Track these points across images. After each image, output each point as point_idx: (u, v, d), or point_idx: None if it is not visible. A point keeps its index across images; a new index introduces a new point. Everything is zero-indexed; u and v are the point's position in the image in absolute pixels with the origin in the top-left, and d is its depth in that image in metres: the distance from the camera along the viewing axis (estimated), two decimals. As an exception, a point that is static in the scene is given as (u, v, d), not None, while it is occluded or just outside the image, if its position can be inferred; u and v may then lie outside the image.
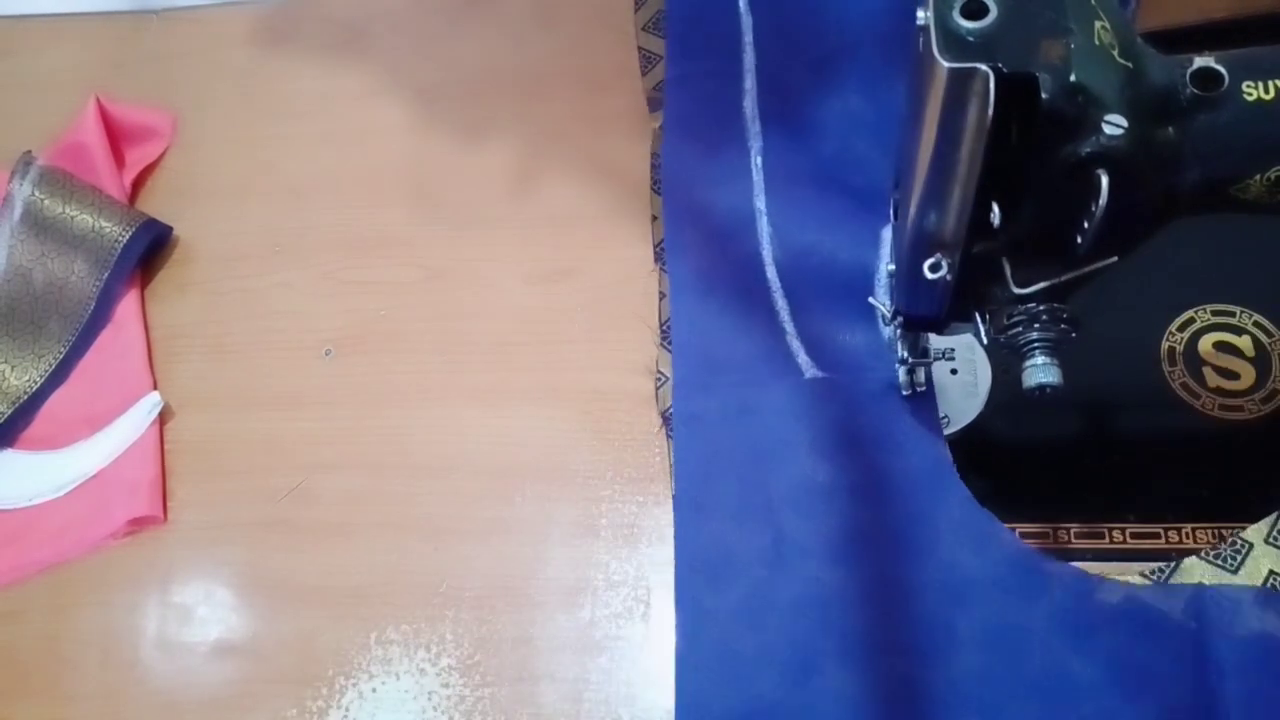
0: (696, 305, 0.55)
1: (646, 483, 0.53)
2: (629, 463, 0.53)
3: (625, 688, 0.48)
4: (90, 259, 0.61)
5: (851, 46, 0.60)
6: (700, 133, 0.60)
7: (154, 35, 0.72)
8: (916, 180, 0.36)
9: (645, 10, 0.65)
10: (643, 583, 0.50)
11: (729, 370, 0.53)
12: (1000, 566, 0.46)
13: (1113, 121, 0.32)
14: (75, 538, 0.55)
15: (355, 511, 0.54)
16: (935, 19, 0.32)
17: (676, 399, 0.53)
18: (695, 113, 0.60)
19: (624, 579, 0.51)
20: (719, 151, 0.59)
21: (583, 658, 0.49)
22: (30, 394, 0.59)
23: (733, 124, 0.60)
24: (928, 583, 0.46)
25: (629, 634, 0.49)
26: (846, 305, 0.53)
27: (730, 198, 0.58)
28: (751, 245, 0.57)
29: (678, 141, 0.60)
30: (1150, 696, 0.43)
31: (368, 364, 0.58)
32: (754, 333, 0.54)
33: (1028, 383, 0.40)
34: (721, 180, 0.58)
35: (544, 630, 0.50)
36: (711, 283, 0.56)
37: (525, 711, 0.48)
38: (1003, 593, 0.46)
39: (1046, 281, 0.38)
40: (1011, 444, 0.50)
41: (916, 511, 0.48)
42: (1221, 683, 0.42)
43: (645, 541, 0.51)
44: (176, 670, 0.51)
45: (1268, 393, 0.50)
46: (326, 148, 0.65)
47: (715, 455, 0.51)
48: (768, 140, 0.59)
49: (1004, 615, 0.45)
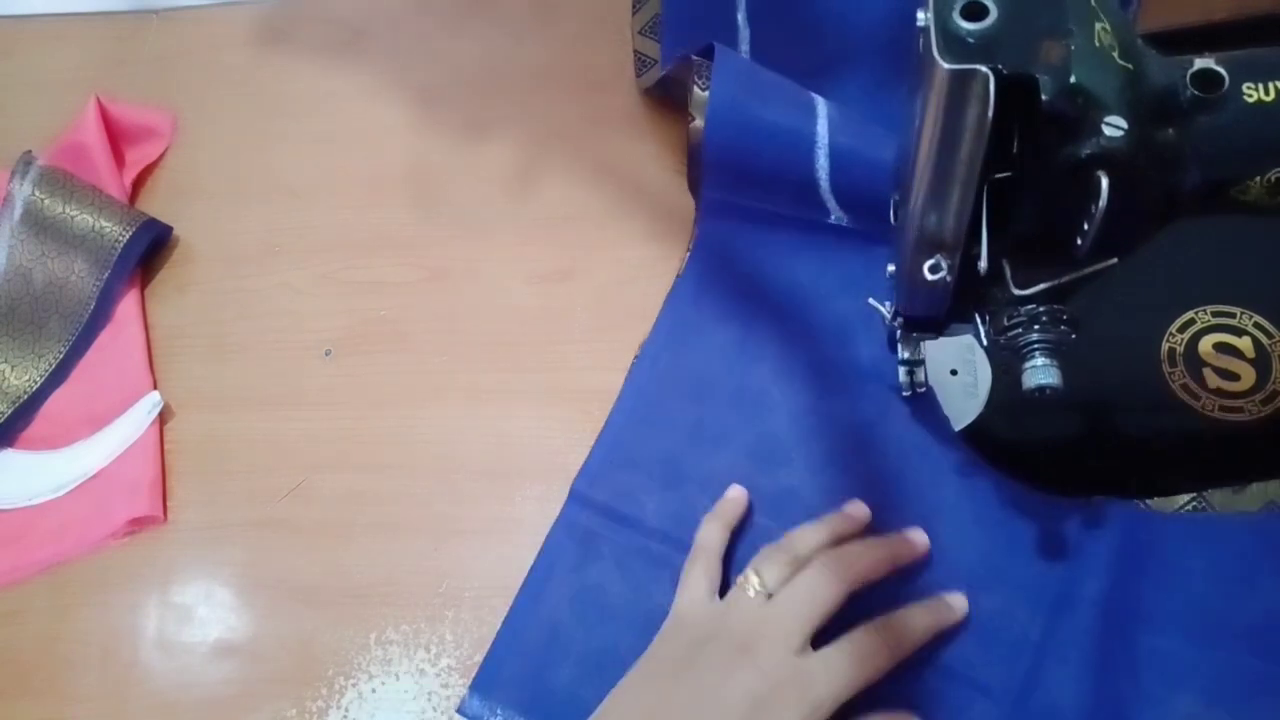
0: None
1: (646, 483, 0.52)
2: (629, 463, 0.53)
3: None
4: (90, 259, 0.61)
5: (848, 57, 0.60)
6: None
7: (154, 35, 0.72)
8: (917, 181, 0.36)
9: (643, 13, 0.65)
10: (642, 583, 0.50)
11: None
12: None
13: (1113, 123, 0.32)
14: (75, 538, 0.55)
15: (355, 511, 0.54)
16: (935, 20, 0.32)
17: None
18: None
19: (624, 579, 0.50)
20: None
21: (582, 658, 0.49)
22: (30, 394, 0.59)
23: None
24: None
25: (629, 634, 0.49)
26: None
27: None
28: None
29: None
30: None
31: (368, 364, 0.58)
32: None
33: (1028, 384, 0.40)
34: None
35: (544, 630, 0.50)
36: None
37: (525, 712, 0.48)
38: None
39: (1046, 283, 0.38)
40: (1011, 445, 0.50)
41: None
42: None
43: (645, 542, 0.51)
44: (176, 670, 0.51)
45: (1268, 394, 0.50)
46: (326, 148, 0.65)
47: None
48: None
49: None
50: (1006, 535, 0.48)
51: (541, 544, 0.51)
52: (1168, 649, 0.44)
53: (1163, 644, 0.44)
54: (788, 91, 0.55)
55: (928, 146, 0.34)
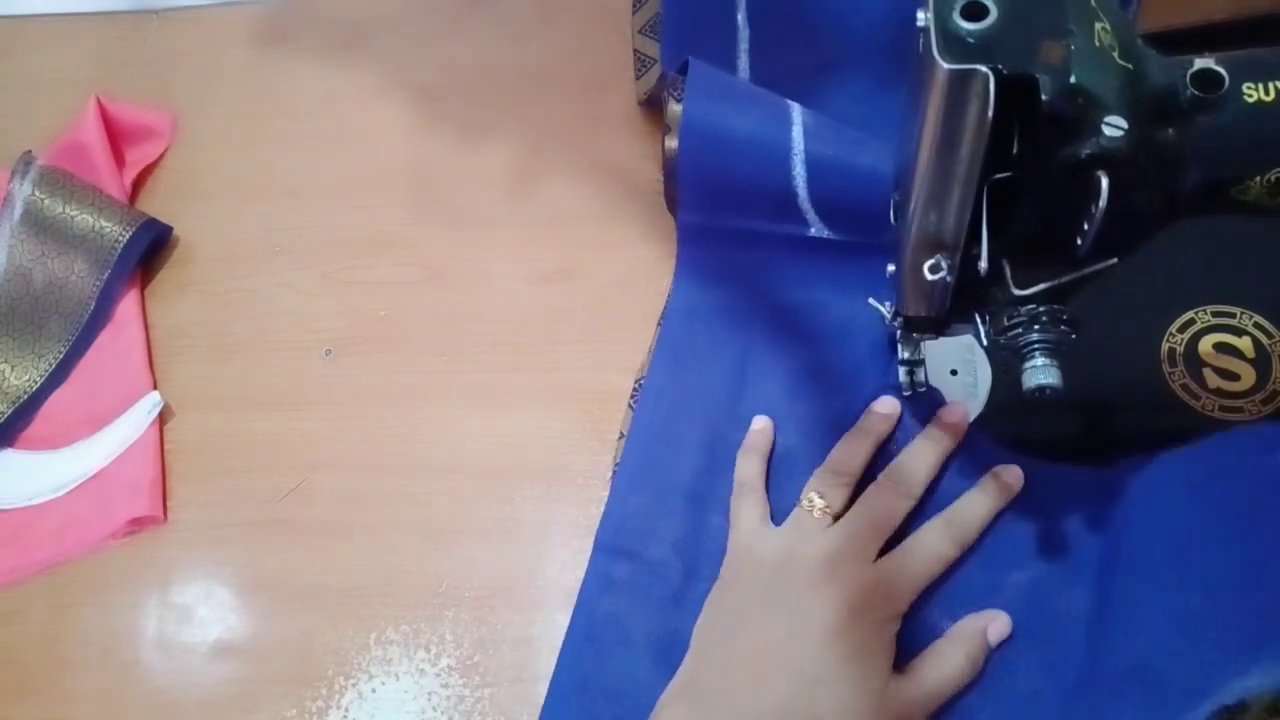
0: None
1: (646, 483, 0.52)
2: (629, 463, 0.53)
3: (625, 688, 0.48)
4: (90, 259, 0.61)
5: (848, 57, 0.60)
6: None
7: (154, 35, 0.72)
8: (917, 181, 0.36)
9: (643, 13, 0.65)
10: (642, 583, 0.50)
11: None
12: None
13: (1113, 123, 0.32)
14: (75, 538, 0.55)
15: (355, 511, 0.54)
16: (935, 20, 0.32)
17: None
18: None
19: (624, 579, 0.50)
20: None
21: (582, 658, 0.49)
22: (30, 394, 0.59)
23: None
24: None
25: (629, 634, 0.49)
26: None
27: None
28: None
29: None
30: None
31: (368, 364, 0.58)
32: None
33: (1028, 384, 0.40)
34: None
35: (544, 630, 0.50)
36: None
37: (525, 711, 0.48)
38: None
39: (1047, 283, 0.38)
40: (1011, 445, 0.50)
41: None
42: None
43: (645, 542, 0.51)
44: (176, 670, 0.52)
45: (1268, 394, 0.50)
46: (326, 148, 0.65)
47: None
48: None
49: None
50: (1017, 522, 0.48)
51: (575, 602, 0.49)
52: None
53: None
54: (762, 100, 0.54)
55: (928, 146, 0.34)
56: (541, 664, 0.49)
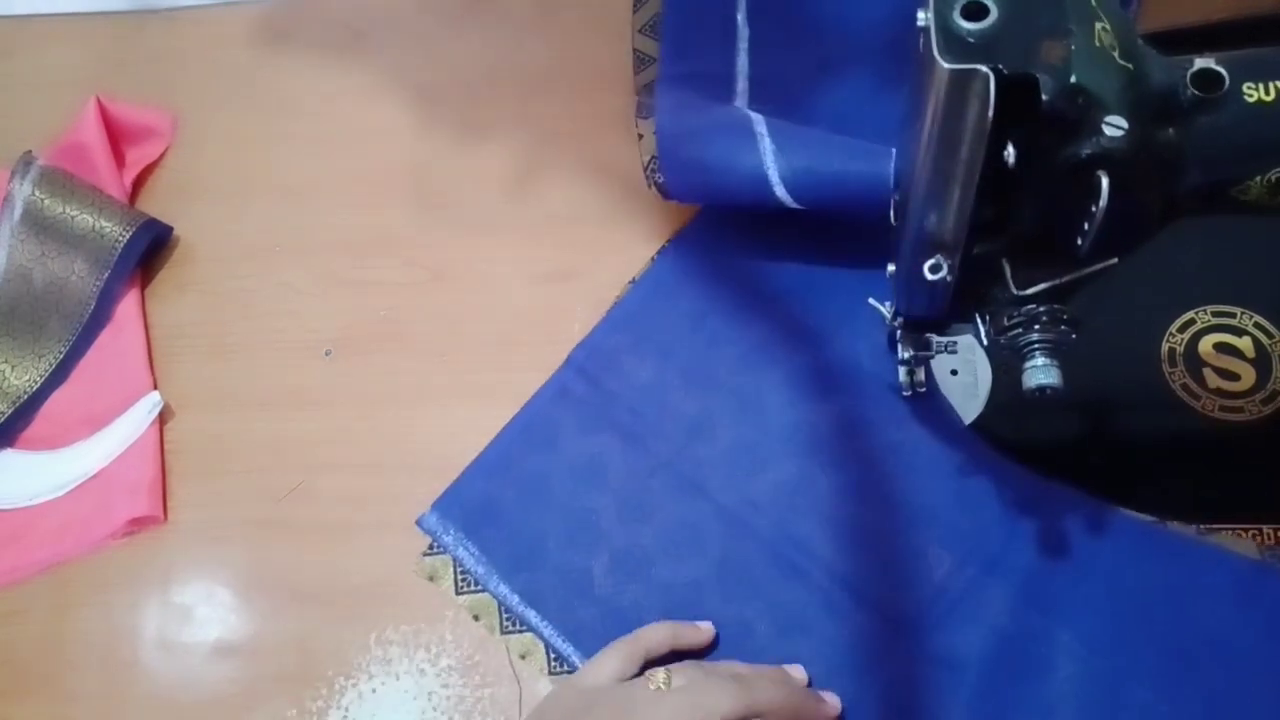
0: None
1: (646, 483, 0.52)
2: (629, 463, 0.53)
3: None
4: (90, 259, 0.61)
5: (848, 57, 0.60)
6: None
7: (154, 35, 0.72)
8: (917, 181, 0.36)
9: (643, 12, 0.65)
10: (643, 583, 0.50)
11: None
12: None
13: (1113, 123, 0.32)
14: (75, 538, 0.55)
15: (355, 511, 0.54)
16: (935, 20, 0.32)
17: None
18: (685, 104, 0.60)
19: (624, 579, 0.50)
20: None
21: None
22: (30, 394, 0.59)
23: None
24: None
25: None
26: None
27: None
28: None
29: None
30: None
31: (368, 364, 0.58)
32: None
33: (1028, 384, 0.40)
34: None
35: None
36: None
37: (525, 712, 0.48)
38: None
39: (1047, 283, 0.38)
40: (1011, 445, 0.50)
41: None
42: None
43: (645, 542, 0.51)
44: (176, 670, 0.52)
45: (1268, 394, 0.50)
46: (326, 148, 0.65)
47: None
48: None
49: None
50: (1005, 533, 0.48)
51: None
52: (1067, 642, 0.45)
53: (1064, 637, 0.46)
54: (726, 121, 0.54)
55: (928, 146, 0.34)
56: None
